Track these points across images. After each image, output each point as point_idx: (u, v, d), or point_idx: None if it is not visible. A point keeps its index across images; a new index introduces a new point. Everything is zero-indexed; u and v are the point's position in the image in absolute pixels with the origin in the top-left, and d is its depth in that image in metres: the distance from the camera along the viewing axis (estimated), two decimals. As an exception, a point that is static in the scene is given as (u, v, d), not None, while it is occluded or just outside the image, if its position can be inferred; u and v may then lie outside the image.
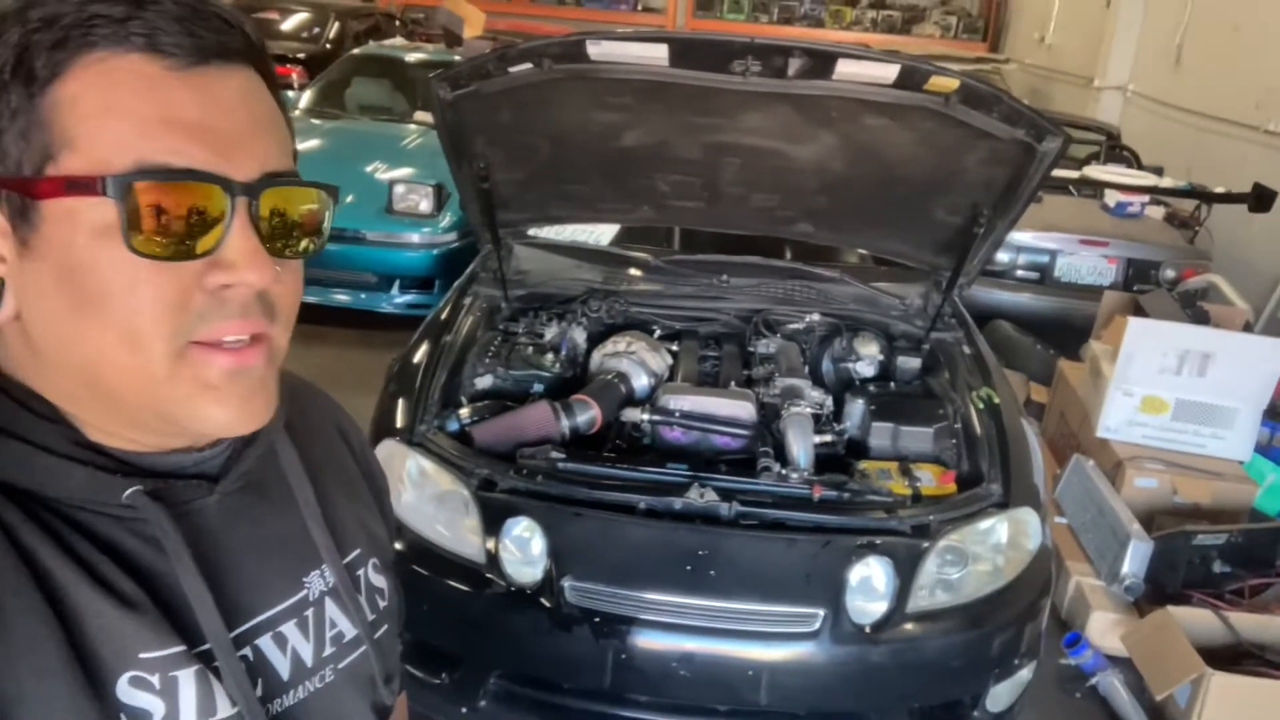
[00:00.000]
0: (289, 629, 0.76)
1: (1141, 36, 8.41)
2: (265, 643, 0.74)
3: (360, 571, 0.85)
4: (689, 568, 2.03)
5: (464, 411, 2.43)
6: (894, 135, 2.34)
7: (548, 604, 2.02)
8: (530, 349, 2.77)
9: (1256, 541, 2.85)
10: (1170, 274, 4.79)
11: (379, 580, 0.87)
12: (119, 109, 0.60)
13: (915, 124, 2.27)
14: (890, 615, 2.05)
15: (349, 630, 0.81)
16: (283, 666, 0.75)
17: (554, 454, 2.25)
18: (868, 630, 2.03)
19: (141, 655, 0.64)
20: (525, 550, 2.09)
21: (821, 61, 2.06)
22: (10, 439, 0.64)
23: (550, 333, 2.85)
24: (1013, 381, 3.51)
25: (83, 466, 0.65)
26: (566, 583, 2.03)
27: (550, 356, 2.75)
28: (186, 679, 0.66)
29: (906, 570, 2.08)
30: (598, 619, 2.01)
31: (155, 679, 0.65)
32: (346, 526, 0.84)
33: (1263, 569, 2.85)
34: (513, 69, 2.17)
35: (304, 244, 0.69)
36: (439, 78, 2.18)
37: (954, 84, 2.07)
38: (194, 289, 0.62)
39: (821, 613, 2.02)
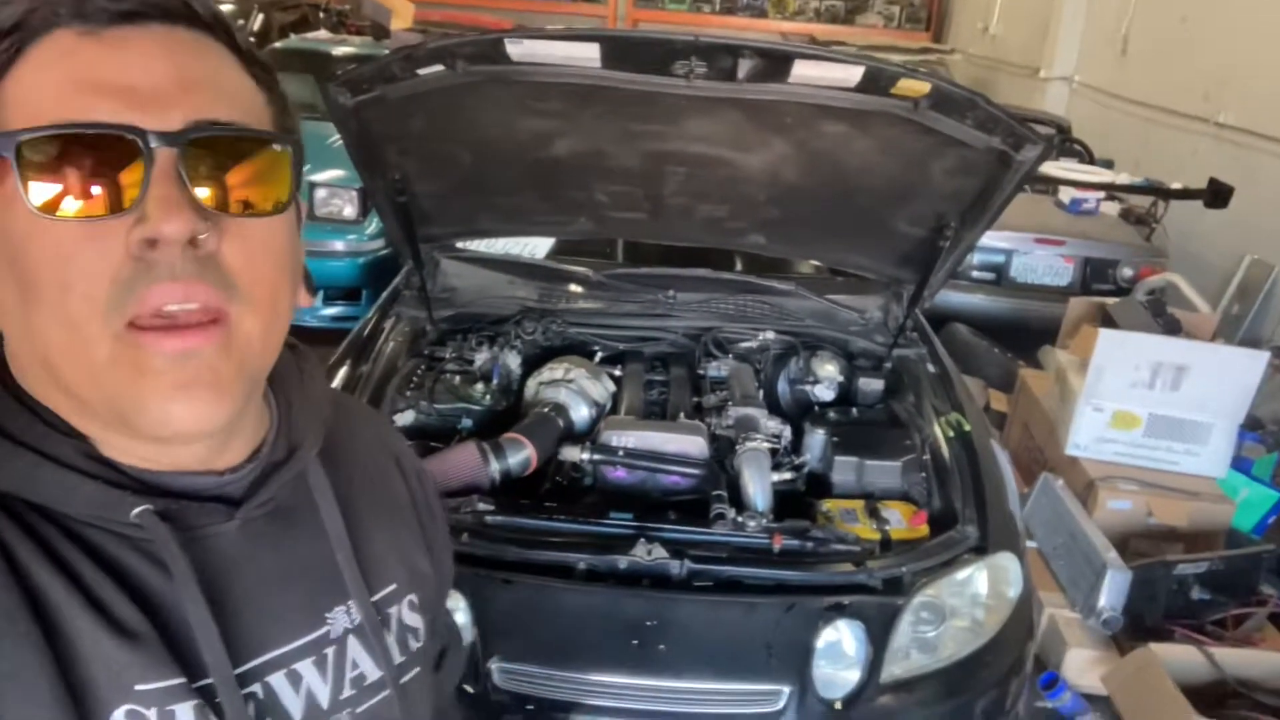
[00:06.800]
0: (305, 667, 0.71)
1: (1087, 26, 8.33)
2: (278, 680, 0.70)
3: (393, 609, 0.80)
4: (636, 641, 1.78)
5: (381, 456, 2.15)
6: (855, 142, 2.11)
7: (472, 690, 1.76)
8: (458, 378, 2.51)
9: (1237, 568, 2.69)
10: (1128, 272, 4.67)
11: (413, 619, 0.82)
12: (39, 82, 0.59)
13: (879, 130, 2.04)
14: (863, 687, 1.83)
15: (372, 672, 0.76)
16: (295, 707, 0.70)
17: (481, 506, 1.99)
18: (838, 707, 1.80)
19: (138, 687, 0.61)
20: (448, 624, 1.82)
21: (776, 63, 1.82)
22: (20, 448, 0.62)
23: (480, 358, 2.59)
24: (971, 388, 3.34)
25: (92, 480, 0.63)
26: (494, 664, 1.77)
27: (480, 386, 2.49)
28: (185, 713, 0.62)
29: (879, 633, 1.86)
30: (531, 706, 1.76)
31: (152, 713, 0.61)
32: (383, 560, 0.80)
33: (1244, 596, 2.70)
34: (422, 71, 1.89)
35: (253, 199, 0.63)
36: (337, 83, 1.89)
37: (925, 88, 1.84)
38: (123, 257, 0.58)
39: (786, 689, 1.79)
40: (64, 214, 0.58)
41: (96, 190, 0.58)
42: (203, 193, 0.60)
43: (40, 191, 0.57)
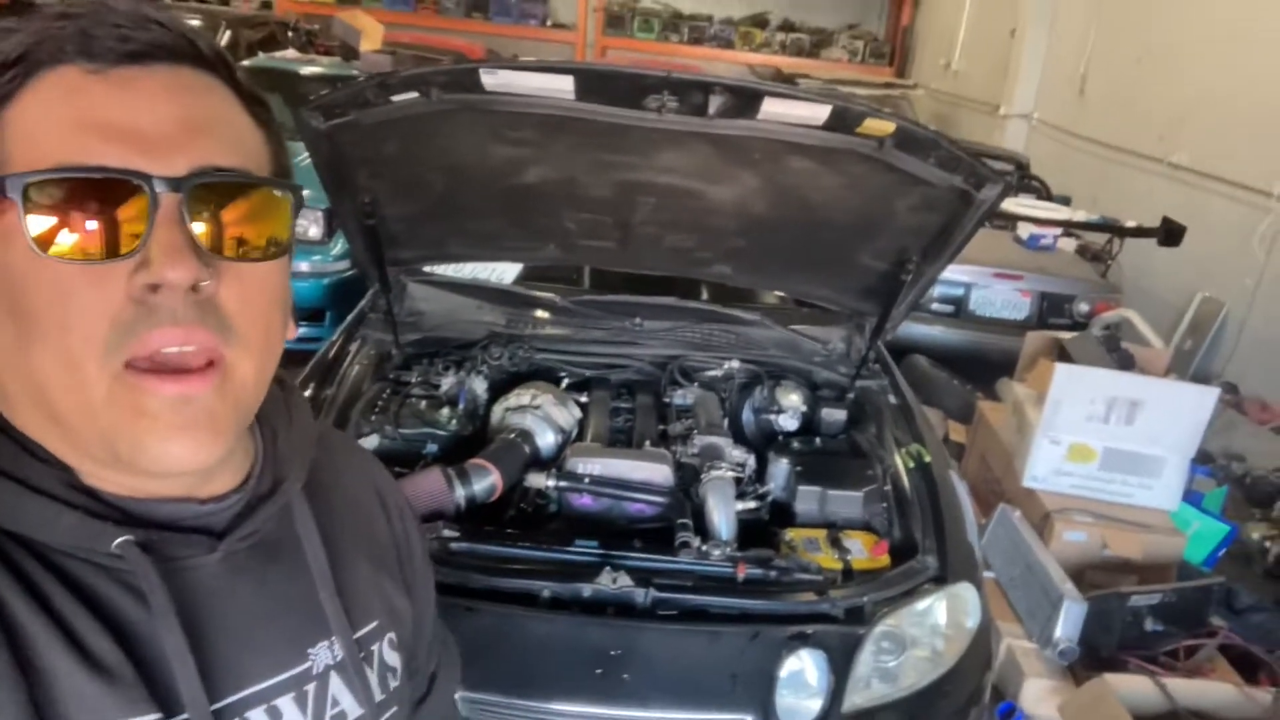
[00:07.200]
0: (285, 703, 0.71)
1: (1046, 65, 8.55)
2: (257, 715, 0.69)
3: (375, 646, 0.80)
4: (600, 671, 1.78)
5: (345, 481, 2.14)
6: (821, 178, 2.14)
7: None
8: (423, 403, 2.50)
9: (1189, 600, 2.74)
10: (1084, 307, 4.78)
11: (393, 658, 0.82)
12: (45, 119, 0.59)
13: (844, 167, 2.08)
14: (825, 716, 1.83)
15: (353, 709, 0.76)
16: None
17: (446, 532, 1.98)
18: (801, 736, 1.82)
19: None
20: (411, 651, 1.81)
21: (745, 100, 1.85)
22: (3, 478, 0.62)
23: (446, 383, 2.58)
24: (931, 419, 3.39)
25: (73, 510, 0.62)
26: (457, 694, 1.76)
27: (446, 411, 2.48)
28: None
29: (841, 662, 1.87)
30: (494, 737, 1.75)
31: None
32: (365, 597, 0.80)
33: (1195, 627, 2.75)
34: (396, 98, 1.90)
35: (253, 244, 0.64)
36: (309, 107, 1.89)
37: (889, 127, 1.88)
38: (124, 300, 0.58)
39: (750, 718, 1.80)
40: (66, 253, 0.58)
41: (99, 231, 0.58)
42: (204, 235, 0.61)
43: (44, 231, 0.57)
